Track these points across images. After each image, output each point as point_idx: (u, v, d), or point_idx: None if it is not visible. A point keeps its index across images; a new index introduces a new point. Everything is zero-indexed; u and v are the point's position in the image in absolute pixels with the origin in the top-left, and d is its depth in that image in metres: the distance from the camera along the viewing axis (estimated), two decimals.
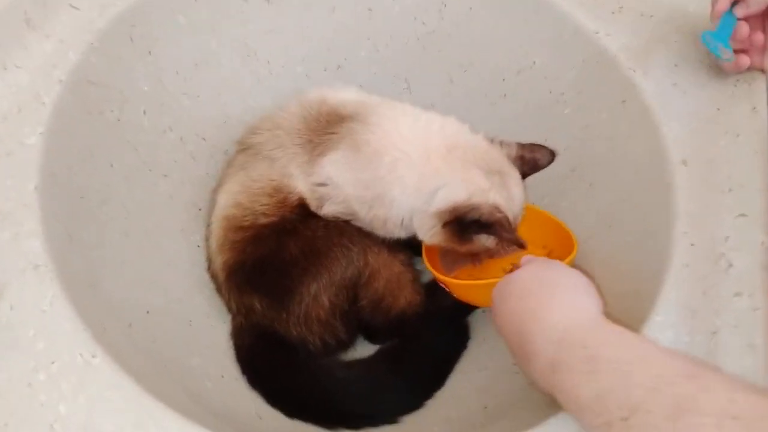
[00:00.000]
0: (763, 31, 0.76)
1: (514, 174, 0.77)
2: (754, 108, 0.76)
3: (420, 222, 0.76)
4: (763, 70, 0.79)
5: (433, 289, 0.83)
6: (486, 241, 0.76)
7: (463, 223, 0.73)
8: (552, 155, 0.78)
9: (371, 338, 0.86)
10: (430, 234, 0.76)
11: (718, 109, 0.77)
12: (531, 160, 0.79)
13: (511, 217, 0.73)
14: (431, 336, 0.84)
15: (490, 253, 0.80)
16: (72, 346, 0.59)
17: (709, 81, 0.79)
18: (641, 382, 0.46)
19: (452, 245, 0.76)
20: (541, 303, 0.58)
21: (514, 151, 0.78)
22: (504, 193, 0.74)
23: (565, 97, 0.90)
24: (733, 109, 0.77)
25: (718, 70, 0.80)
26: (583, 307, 0.56)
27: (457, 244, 0.76)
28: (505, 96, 0.95)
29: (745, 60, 0.76)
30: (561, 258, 0.72)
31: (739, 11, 0.73)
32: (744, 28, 0.74)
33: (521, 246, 0.72)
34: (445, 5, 0.94)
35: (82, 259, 0.69)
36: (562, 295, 0.58)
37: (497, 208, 0.71)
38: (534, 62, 0.92)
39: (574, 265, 0.67)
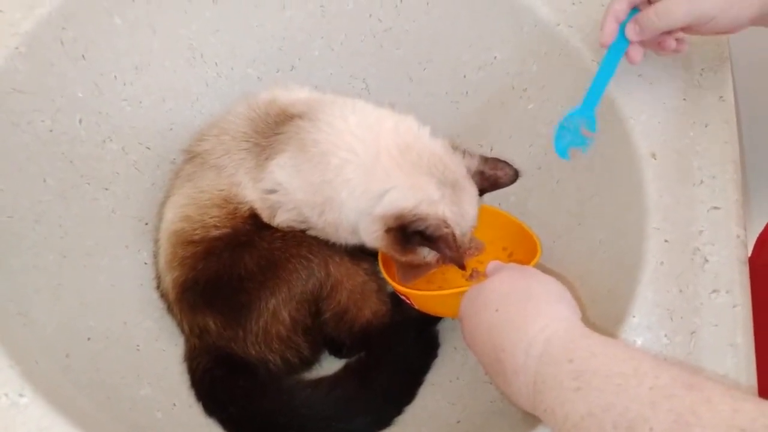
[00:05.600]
0: (669, 33, 0.69)
1: (470, 189, 0.72)
2: (721, 97, 0.75)
3: (364, 225, 0.71)
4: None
5: (399, 297, 0.78)
6: (427, 255, 0.72)
7: (406, 233, 0.68)
8: (515, 175, 0.74)
9: (337, 353, 0.82)
10: (371, 238, 0.71)
11: (685, 100, 0.75)
12: (492, 177, 0.74)
13: (458, 233, 0.69)
14: (399, 347, 0.80)
15: (429, 267, 0.76)
16: None
17: (675, 71, 0.77)
18: (637, 396, 0.42)
19: (393, 253, 0.72)
20: (519, 314, 0.53)
21: (475, 164, 0.73)
22: (455, 208, 0.69)
23: (529, 93, 0.87)
24: (699, 99, 0.75)
25: (682, 60, 0.78)
26: (563, 316, 0.52)
27: (397, 252, 0.72)
28: (467, 94, 0.92)
29: (638, 54, 0.70)
30: (524, 261, 0.68)
31: (632, 35, 0.68)
32: (637, 54, 0.69)
33: (462, 268, 0.70)
34: (401, 0, 0.90)
35: (9, 285, 0.63)
36: (539, 304, 0.54)
37: (445, 223, 0.67)
38: (495, 57, 0.89)
39: (544, 269, 0.64)
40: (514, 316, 0.54)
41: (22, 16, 0.74)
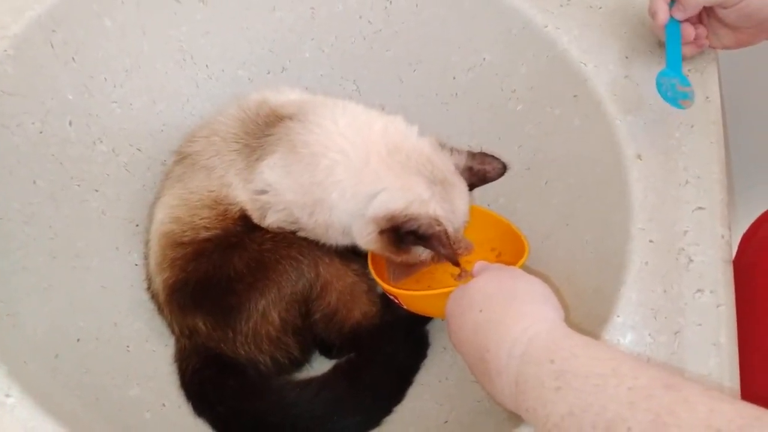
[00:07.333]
0: (701, 22, 0.75)
1: (460, 185, 0.73)
2: (707, 98, 0.76)
3: (357, 227, 0.71)
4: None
5: (389, 298, 0.79)
6: (422, 253, 0.72)
7: (399, 233, 0.69)
8: (503, 168, 0.74)
9: (327, 353, 0.82)
10: (366, 240, 0.72)
11: None
12: (480, 172, 0.74)
13: (451, 230, 0.69)
14: (389, 347, 0.80)
15: (425, 264, 0.76)
16: None
17: None
18: (615, 396, 0.42)
19: (388, 254, 0.72)
20: (503, 314, 0.54)
21: (463, 161, 0.74)
22: (446, 206, 0.70)
23: (517, 94, 0.87)
24: None
25: None
26: (547, 317, 0.53)
27: (392, 253, 0.72)
28: (456, 95, 0.93)
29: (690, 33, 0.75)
30: (512, 261, 0.69)
31: (678, 14, 0.72)
32: (689, 30, 0.73)
33: (457, 265, 0.70)
34: (391, 2, 0.90)
35: None
36: (523, 305, 0.54)
37: (437, 221, 0.68)
38: (484, 59, 0.89)
39: (530, 270, 0.64)
40: (498, 316, 0.54)
41: (12, 19, 0.74)
